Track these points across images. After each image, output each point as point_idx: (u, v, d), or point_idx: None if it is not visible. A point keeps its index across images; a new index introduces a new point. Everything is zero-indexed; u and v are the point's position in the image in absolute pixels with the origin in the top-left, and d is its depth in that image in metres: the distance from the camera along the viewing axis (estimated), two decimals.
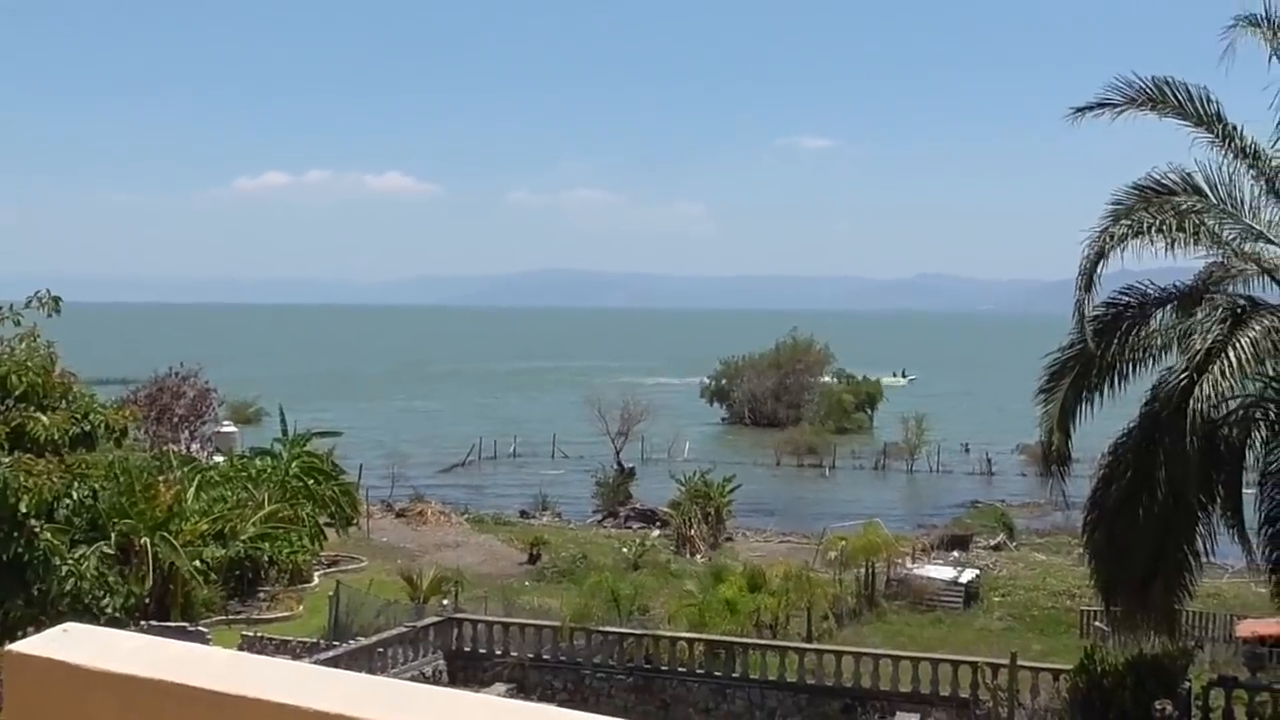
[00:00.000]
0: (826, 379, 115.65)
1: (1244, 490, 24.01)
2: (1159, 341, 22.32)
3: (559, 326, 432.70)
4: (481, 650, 33.14)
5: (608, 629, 32.06)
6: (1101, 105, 22.27)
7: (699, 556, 51.99)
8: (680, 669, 31.29)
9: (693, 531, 55.09)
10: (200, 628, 33.64)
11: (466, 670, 32.85)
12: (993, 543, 54.77)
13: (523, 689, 31.86)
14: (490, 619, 34.46)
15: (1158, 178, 22.14)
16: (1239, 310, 20.51)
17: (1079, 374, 22.20)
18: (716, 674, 30.96)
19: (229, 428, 69.27)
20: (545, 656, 32.46)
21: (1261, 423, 23.19)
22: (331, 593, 37.55)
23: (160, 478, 38.82)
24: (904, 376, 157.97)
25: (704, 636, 31.86)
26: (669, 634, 32.46)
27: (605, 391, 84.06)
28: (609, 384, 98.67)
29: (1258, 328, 19.69)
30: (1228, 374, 19.13)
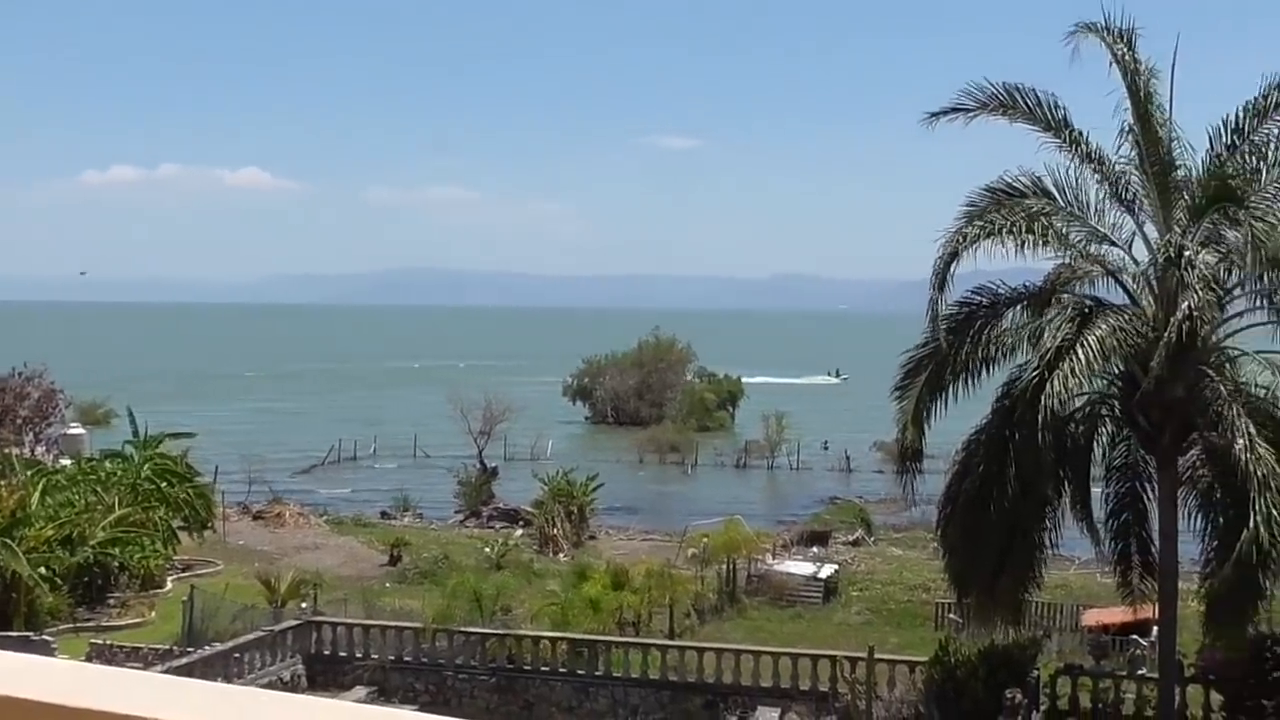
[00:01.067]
0: (689, 377, 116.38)
1: (1091, 484, 24.87)
2: (1010, 340, 22.93)
3: (422, 325, 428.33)
4: (342, 653, 32.70)
5: (470, 630, 31.90)
6: (955, 110, 22.81)
7: (562, 555, 51.97)
8: (543, 668, 31.25)
9: (556, 531, 55.03)
10: (45, 637, 32.66)
11: (326, 674, 32.38)
12: (851, 538, 55.68)
13: (384, 692, 31.53)
14: (350, 621, 34.02)
15: (1009, 181, 22.76)
16: (1086, 310, 21.19)
17: (933, 372, 22.71)
18: (579, 672, 30.99)
19: (77, 430, 67.22)
20: (407, 658, 32.16)
21: (1107, 419, 23.99)
22: (185, 598, 36.70)
23: (1, 482, 37.54)
24: (836, 376, 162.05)
25: (567, 635, 31.89)
26: (532, 633, 32.41)
27: (468, 390, 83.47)
28: (472, 383, 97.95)
29: (1104, 327, 20.35)
30: (1077, 371, 19.75)
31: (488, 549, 50.50)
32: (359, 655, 32.39)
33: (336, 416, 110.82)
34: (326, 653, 32.79)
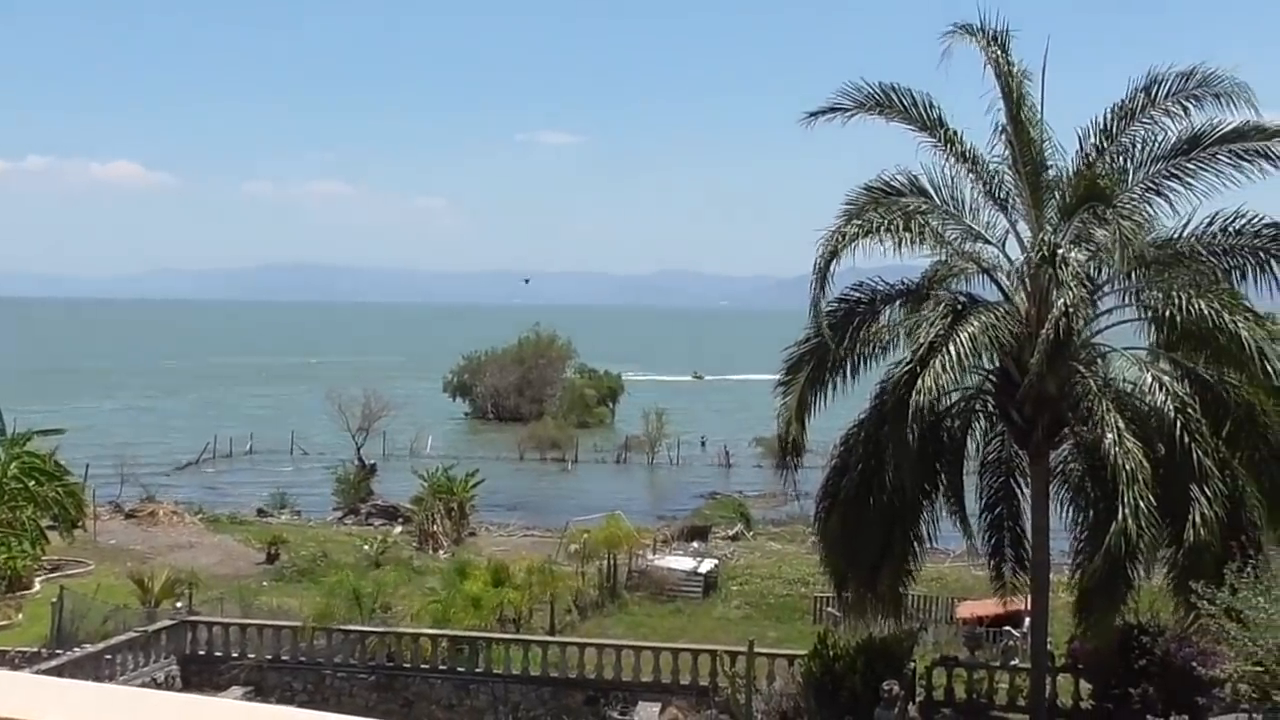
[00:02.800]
0: (569, 373, 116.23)
1: (966, 478, 25.33)
2: (888, 337, 23.27)
3: (300, 321, 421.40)
4: (217, 653, 32.03)
5: (349, 628, 31.44)
6: (833, 110, 23.07)
7: (442, 553, 51.49)
8: (423, 666, 30.93)
9: (436, 527, 54.49)
10: None
11: (202, 674, 31.69)
12: (731, 533, 55.98)
13: (261, 691, 30.96)
14: (226, 621, 33.33)
15: (887, 179, 23.10)
16: (960, 307, 21.57)
17: (814, 368, 22.97)
18: (460, 670, 30.73)
19: None
20: (284, 658, 31.61)
21: (981, 414, 24.46)
22: (54, 599, 35.64)
23: None
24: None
25: (447, 633, 31.58)
26: (411, 631, 32.05)
27: (347, 387, 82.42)
28: (351, 380, 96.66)
29: (976, 324, 20.72)
30: (948, 367, 20.07)
31: (367, 546, 49.84)
32: (235, 655, 31.76)
33: (212, 414, 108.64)
34: (202, 653, 32.10)
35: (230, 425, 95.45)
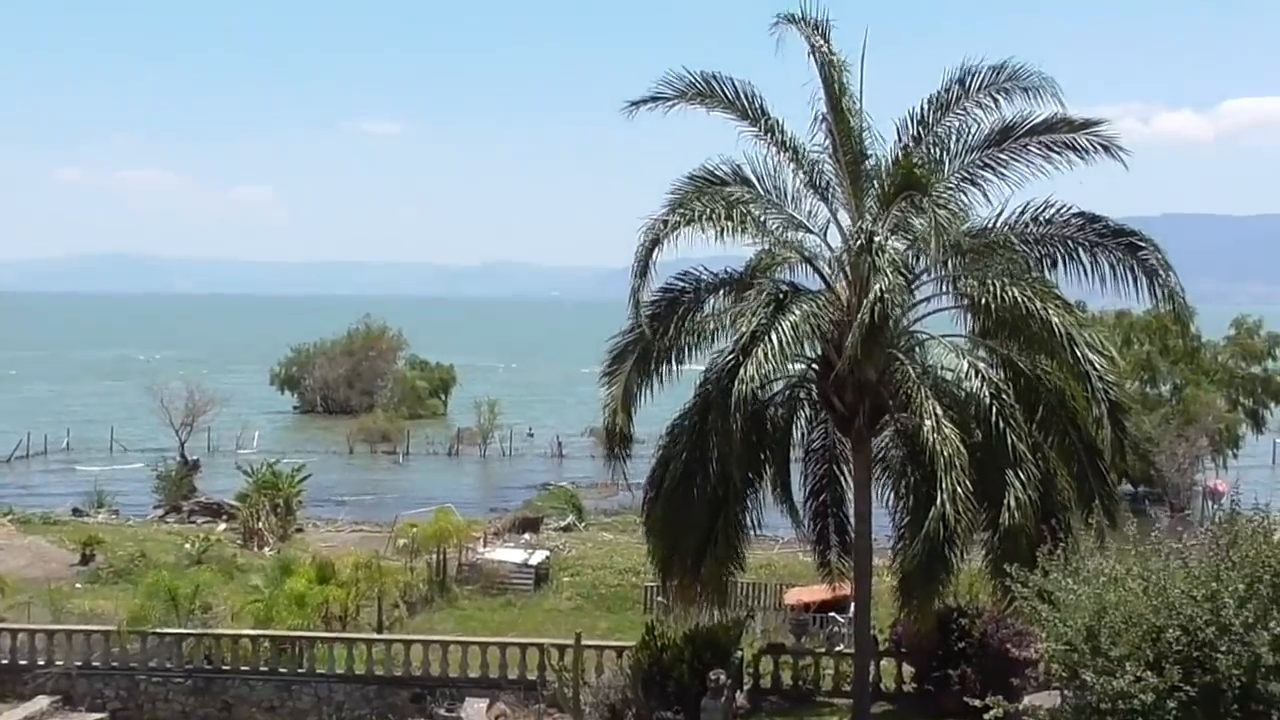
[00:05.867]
0: (400, 365, 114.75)
1: (792, 466, 25.51)
2: (712, 325, 23.25)
3: (120, 313, 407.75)
4: (22, 661, 30.53)
5: (165, 630, 30.28)
6: (655, 99, 22.93)
7: (268, 550, 50.22)
8: (243, 668, 29.97)
9: (261, 524, 53.15)
10: None
11: (4, 684, 30.19)
12: (562, 524, 55.77)
13: (70, 700, 29.68)
14: (32, 627, 31.81)
15: (710, 169, 23.05)
16: (782, 295, 21.63)
17: (639, 357, 22.83)
18: (282, 671, 29.88)
19: None
20: (96, 663, 30.29)
21: (805, 402, 24.64)
22: None
23: None
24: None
25: (268, 633, 30.65)
26: (231, 632, 31.03)
27: (169, 381, 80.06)
28: (174, 373, 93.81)
29: (798, 312, 20.81)
30: (770, 356, 20.11)
31: (188, 545, 48.26)
32: (41, 663, 30.36)
33: (24, 410, 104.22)
34: (5, 661, 30.60)
35: (44, 422, 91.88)
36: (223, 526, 55.30)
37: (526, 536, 51.91)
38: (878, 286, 19.97)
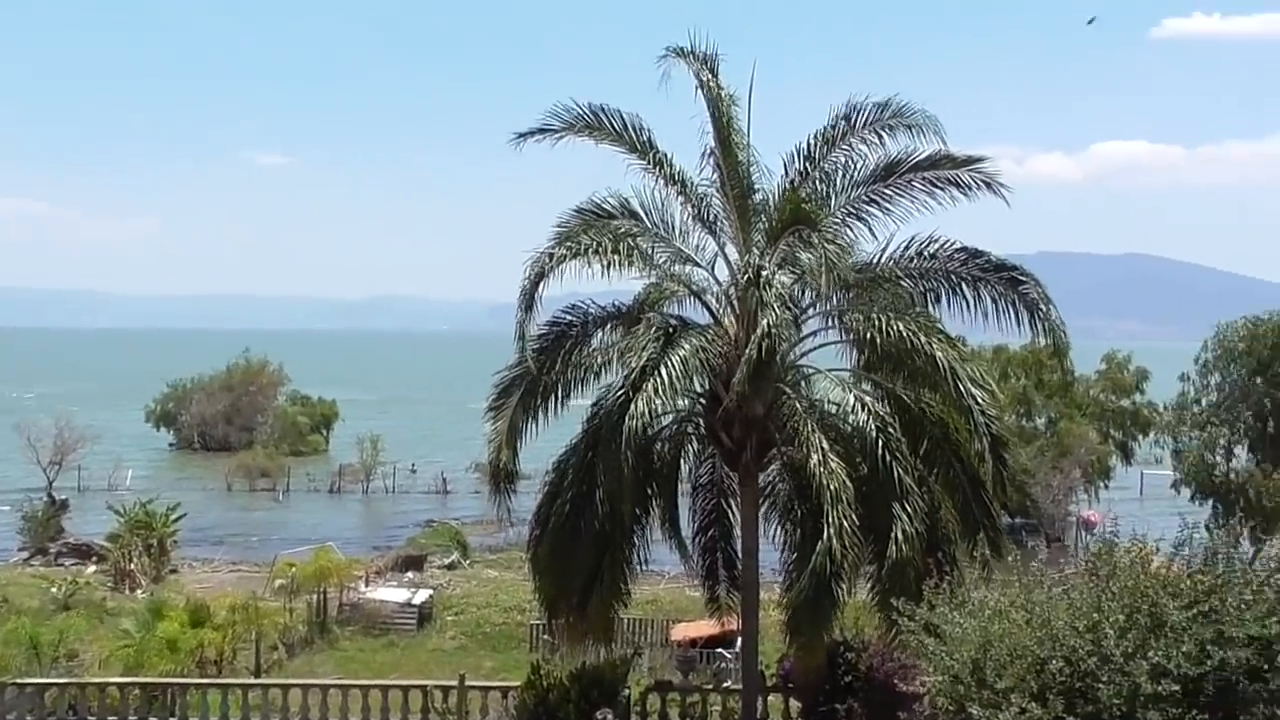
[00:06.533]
0: (280, 401, 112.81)
1: (680, 501, 25.37)
2: (600, 360, 23.04)
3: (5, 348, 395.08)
4: None
5: (26, 680, 29.00)
6: (542, 131, 22.72)
7: (140, 592, 48.84)
8: (111, 718, 28.91)
9: (133, 565, 51.71)
10: None
11: None
12: (447, 562, 55.13)
13: None
14: None
15: (598, 202, 22.87)
16: (670, 329, 21.49)
17: (526, 392, 22.51)
18: (152, 719, 28.89)
19: None
20: None
21: (693, 437, 24.52)
22: None
23: None
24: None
25: (138, 680, 29.57)
26: (98, 680, 29.86)
27: (38, 417, 77.77)
28: (44, 409, 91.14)
29: (687, 346, 20.69)
30: (660, 391, 19.95)
31: (54, 589, 46.73)
32: None
33: None
34: None
35: None
36: (92, 568, 53.73)
37: (410, 575, 51.20)
38: (765, 321, 19.95)
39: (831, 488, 19.90)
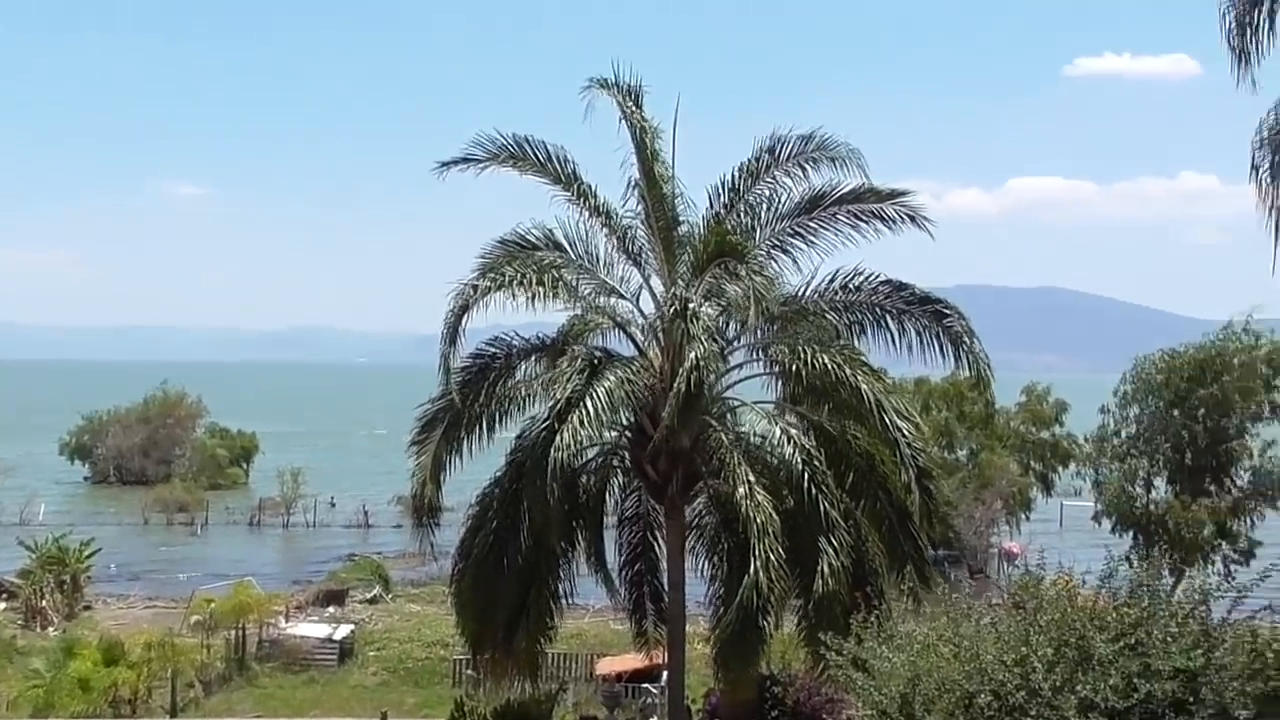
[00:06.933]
0: (199, 433, 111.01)
1: (606, 533, 25.16)
2: (524, 392, 22.89)
3: None
4: None
5: None
6: (466, 160, 22.60)
7: (52, 630, 47.66)
8: None
9: (45, 602, 50.44)
10: None
11: None
12: (368, 596, 54.36)
13: None
14: None
15: (522, 233, 22.77)
16: (596, 362, 21.36)
17: (449, 425, 22.30)
18: None
19: None
20: None
21: (619, 470, 24.38)
22: None
23: None
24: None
25: None
26: None
27: None
28: None
29: (612, 378, 20.57)
30: (586, 423, 19.80)
31: None
32: None
33: None
34: None
35: None
36: (2, 606, 52.25)
37: (331, 610, 50.40)
38: (693, 354, 19.89)
39: (758, 520, 19.83)
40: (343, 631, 44.62)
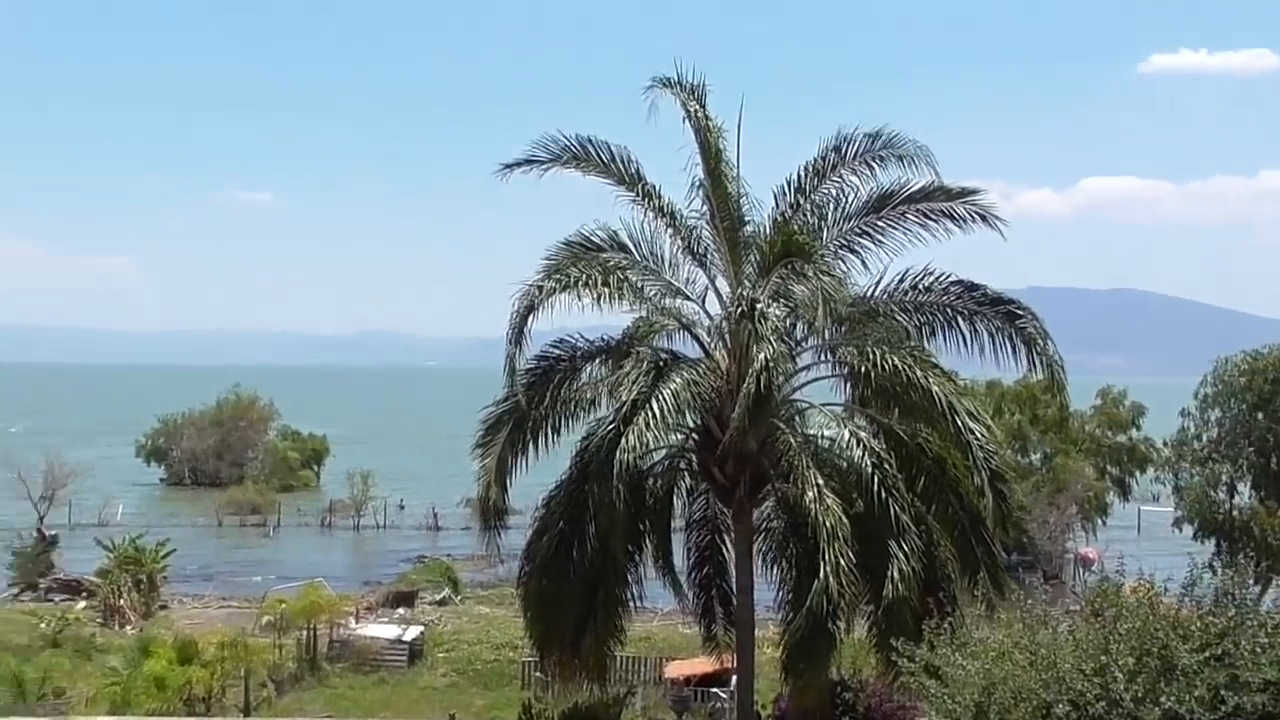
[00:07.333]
0: (271, 436, 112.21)
1: (674, 536, 24.96)
2: (589, 394, 22.73)
3: None
4: None
5: (11, 719, 28.58)
6: (529, 162, 22.46)
7: (130, 628, 48.28)
8: None
9: (122, 601, 51.14)
10: None
11: None
12: (438, 598, 54.56)
13: None
14: None
15: (587, 234, 22.62)
16: (661, 364, 21.16)
17: (514, 427, 22.20)
18: None
19: None
20: None
21: (685, 472, 24.15)
22: None
23: None
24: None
25: (124, 719, 29.17)
26: (82, 719, 29.45)
27: (29, 454, 77.10)
28: (34, 445, 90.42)
29: (678, 380, 20.35)
30: (652, 425, 19.61)
31: (44, 625, 46.15)
32: None
33: None
34: None
35: None
36: (82, 604, 53.00)
37: (400, 611, 50.65)
38: (762, 355, 19.63)
39: (828, 525, 19.54)
40: (412, 633, 44.77)
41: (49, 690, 31.68)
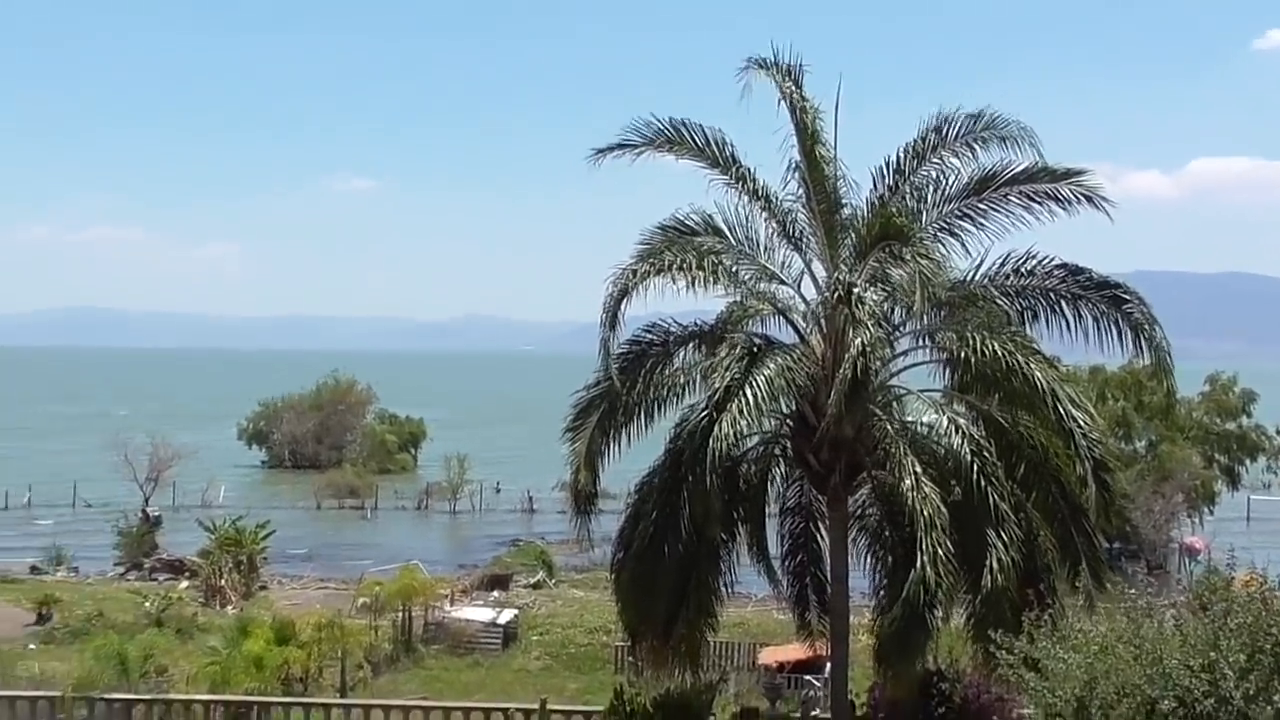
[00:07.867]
0: (369, 419, 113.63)
1: (767, 524, 24.71)
2: (682, 379, 22.53)
3: (86, 367, 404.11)
4: None
5: (113, 696, 29.02)
6: (621, 146, 22.27)
7: (230, 608, 49.11)
8: None
9: (224, 581, 52.03)
10: None
11: None
12: (532, 581, 54.81)
13: None
14: None
15: (681, 218, 22.40)
16: (755, 349, 20.90)
17: (606, 412, 22.08)
18: None
19: None
20: None
21: (780, 459, 23.87)
22: None
23: None
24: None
25: (223, 698, 29.52)
26: (182, 697, 29.86)
27: (135, 436, 78.78)
28: (139, 427, 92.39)
29: (772, 366, 20.09)
30: (745, 412, 19.38)
31: (148, 604, 47.04)
32: None
33: None
34: None
35: (6, 477, 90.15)
36: (185, 584, 54.03)
37: (495, 594, 50.96)
38: (860, 340, 19.30)
39: (925, 513, 19.18)
40: (506, 616, 44.98)
41: (151, 668, 32.14)
